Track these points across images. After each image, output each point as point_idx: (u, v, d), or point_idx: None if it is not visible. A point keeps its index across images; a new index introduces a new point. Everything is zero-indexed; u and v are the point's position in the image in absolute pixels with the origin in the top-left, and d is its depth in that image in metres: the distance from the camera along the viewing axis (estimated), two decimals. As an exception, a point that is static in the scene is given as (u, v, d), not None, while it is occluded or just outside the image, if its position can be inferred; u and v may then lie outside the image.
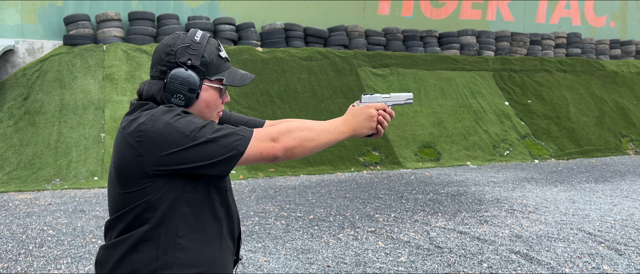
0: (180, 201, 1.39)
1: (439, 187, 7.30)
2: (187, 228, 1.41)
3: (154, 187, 1.37)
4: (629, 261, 4.07)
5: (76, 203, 6.31)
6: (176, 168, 1.35)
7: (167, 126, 1.34)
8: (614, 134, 11.74)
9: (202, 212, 1.43)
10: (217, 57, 1.50)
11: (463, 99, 11.26)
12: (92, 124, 8.41)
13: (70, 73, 9.04)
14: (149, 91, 1.47)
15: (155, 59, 1.49)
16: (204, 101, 1.48)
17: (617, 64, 13.77)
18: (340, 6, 12.09)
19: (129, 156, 1.37)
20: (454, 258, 4.21)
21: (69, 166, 7.78)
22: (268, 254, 4.31)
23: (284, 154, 1.41)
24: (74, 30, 9.62)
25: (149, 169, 1.36)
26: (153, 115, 1.37)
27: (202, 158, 1.34)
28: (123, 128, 1.41)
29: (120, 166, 1.40)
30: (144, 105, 1.44)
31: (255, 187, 7.29)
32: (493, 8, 13.73)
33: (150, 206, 1.38)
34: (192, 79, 1.44)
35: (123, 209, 1.41)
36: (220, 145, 1.34)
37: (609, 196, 6.65)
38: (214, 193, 1.46)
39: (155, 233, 1.39)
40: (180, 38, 1.48)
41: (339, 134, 1.50)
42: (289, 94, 9.88)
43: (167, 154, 1.34)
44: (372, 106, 1.58)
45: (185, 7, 10.78)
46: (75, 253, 4.38)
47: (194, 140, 1.33)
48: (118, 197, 1.42)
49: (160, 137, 1.33)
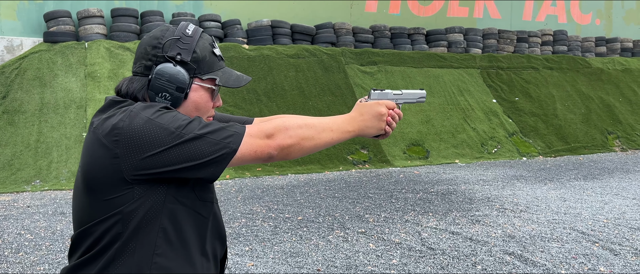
0: (160, 213, 1.21)
1: (428, 186, 7.21)
2: (166, 244, 1.22)
3: (130, 196, 1.18)
4: (624, 262, 4.00)
5: (56, 205, 6.10)
6: (159, 171, 1.17)
7: (148, 123, 1.16)
8: (601, 131, 11.77)
9: (183, 227, 1.24)
10: (210, 54, 1.33)
11: (451, 96, 11.21)
12: (73, 124, 8.18)
13: (50, 71, 8.80)
14: (130, 88, 1.30)
15: (140, 52, 1.31)
16: (193, 103, 1.31)
17: (603, 61, 13.83)
18: (327, 3, 11.95)
19: (102, 158, 1.18)
20: (447, 259, 4.11)
21: (49, 167, 7.55)
22: (255, 258, 4.17)
23: (279, 153, 1.24)
24: (54, 27, 9.37)
25: (126, 174, 1.17)
26: (131, 111, 1.19)
27: (189, 158, 1.16)
28: (95, 128, 1.22)
29: (91, 170, 1.21)
30: (120, 102, 1.26)
31: (242, 187, 7.14)
32: (480, 5, 13.70)
33: (124, 219, 1.19)
34: (181, 76, 1.27)
35: (91, 222, 1.22)
36: (210, 142, 1.17)
37: (599, 194, 6.61)
38: (198, 205, 1.28)
39: (128, 249, 1.20)
40: (170, 30, 1.31)
41: (343, 133, 1.33)
42: (276, 91, 9.73)
43: (149, 155, 1.16)
44: (382, 103, 1.40)
45: (170, 4, 10.57)
46: (53, 259, 4.20)
47: (180, 137, 1.15)
48: (85, 208, 1.23)
49: (140, 136, 1.15)
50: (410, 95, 1.55)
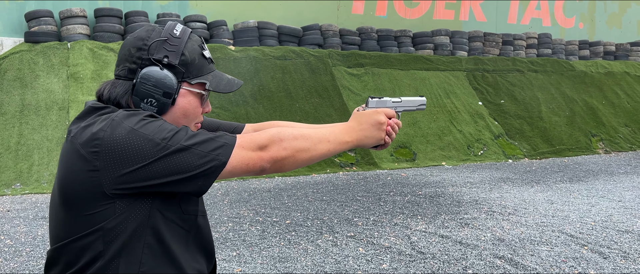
0: (145, 229, 1.12)
1: (416, 188, 7.19)
2: (153, 260, 1.14)
3: (111, 211, 1.09)
4: (614, 265, 4.00)
5: (37, 209, 5.95)
6: (143, 186, 1.08)
7: (132, 133, 1.07)
8: (585, 133, 11.89)
9: (169, 241, 1.16)
10: (199, 56, 1.24)
11: (437, 99, 11.22)
12: (55, 126, 8.01)
13: (32, 72, 8.60)
14: (113, 93, 1.20)
15: (123, 54, 1.22)
16: (181, 109, 1.22)
17: (586, 64, 13.98)
18: (314, 5, 11.90)
19: (79, 171, 1.09)
20: (438, 264, 4.07)
21: (30, 170, 7.38)
22: (243, 263, 4.09)
23: (272, 166, 1.16)
24: (36, 26, 9.17)
25: (107, 188, 1.08)
26: (113, 120, 1.10)
27: (174, 171, 1.07)
28: (72, 137, 1.12)
29: (68, 184, 1.11)
30: (100, 109, 1.17)
31: (228, 191, 7.04)
32: (466, 8, 13.76)
33: (105, 236, 1.10)
34: (169, 80, 1.18)
35: (68, 238, 1.12)
36: (198, 155, 1.09)
37: (585, 197, 6.64)
38: (186, 219, 1.19)
39: (111, 267, 1.11)
40: (156, 31, 1.22)
41: (340, 144, 1.25)
42: (263, 93, 9.65)
43: (133, 169, 1.07)
44: (381, 112, 1.32)
45: (155, 4, 10.43)
46: (34, 265, 4.07)
47: (166, 149, 1.07)
48: (62, 223, 1.14)
49: (123, 148, 1.07)
50: (410, 103, 1.48)
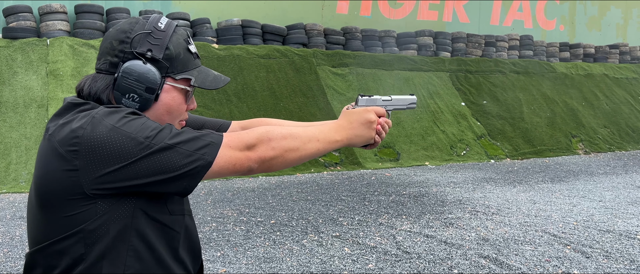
0: (129, 231, 1.07)
1: (400, 188, 7.20)
2: (138, 263, 1.09)
3: (92, 212, 1.04)
4: (596, 264, 4.04)
5: (15, 209, 5.81)
6: (125, 186, 1.03)
7: (113, 131, 1.02)
8: (565, 134, 12.05)
9: (155, 243, 1.11)
10: (185, 51, 1.19)
11: (421, 99, 11.27)
12: (34, 123, 7.84)
13: (10, 68, 8.41)
14: (93, 87, 1.14)
15: (105, 47, 1.16)
16: (165, 105, 1.17)
17: (567, 66, 14.18)
18: (298, 4, 11.86)
19: (57, 170, 1.04)
20: (423, 263, 4.07)
21: (7, 169, 7.21)
22: (228, 264, 4.04)
23: (260, 166, 1.12)
24: (14, 22, 8.97)
25: (87, 188, 1.03)
26: (93, 117, 1.04)
27: (158, 171, 1.02)
28: (50, 135, 1.07)
29: (45, 184, 1.06)
30: (80, 105, 1.10)
31: (211, 190, 6.97)
32: (449, 9, 13.85)
33: (87, 238, 1.05)
34: (152, 75, 1.13)
35: (47, 241, 1.07)
36: (182, 154, 1.04)
37: (567, 197, 6.72)
38: (169, 219, 1.14)
39: (94, 271, 1.06)
40: (140, 23, 1.16)
41: (330, 143, 1.21)
42: (247, 92, 9.58)
43: (114, 169, 1.02)
44: (371, 110, 1.30)
45: (136, 1, 10.28)
46: (12, 266, 3.97)
47: (150, 148, 1.02)
48: (40, 225, 1.08)
49: (103, 146, 1.01)
50: (400, 101, 1.47)
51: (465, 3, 14.04)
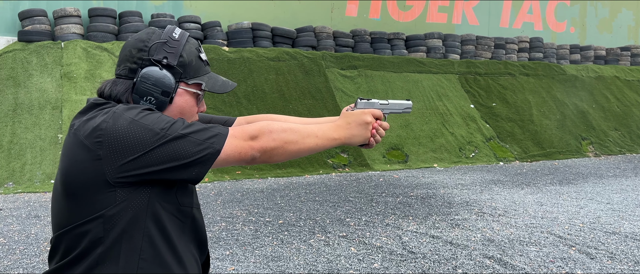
0: (144, 218, 1.18)
1: (408, 189, 7.25)
2: (152, 249, 1.20)
3: (112, 199, 1.16)
4: (601, 265, 4.08)
5: (30, 208, 5.96)
6: (143, 173, 1.15)
7: (133, 124, 1.14)
8: (575, 136, 12.02)
9: (168, 232, 1.23)
10: (196, 58, 1.32)
11: (430, 101, 11.31)
12: (48, 125, 8.01)
13: (25, 71, 8.60)
14: (113, 90, 1.27)
15: (124, 55, 1.29)
16: (178, 107, 1.30)
17: (577, 68, 14.13)
18: (308, 7, 11.96)
19: (83, 160, 1.15)
20: (428, 263, 4.13)
21: (23, 169, 7.37)
22: (236, 262, 4.13)
23: (262, 156, 1.23)
24: (29, 26, 9.16)
25: (110, 176, 1.14)
26: (115, 112, 1.17)
27: (173, 158, 1.14)
28: (75, 129, 1.19)
29: (71, 173, 1.17)
30: (101, 104, 1.23)
31: (221, 191, 7.07)
32: (459, 12, 13.87)
33: (106, 222, 1.16)
34: (167, 80, 1.26)
35: (70, 225, 1.19)
36: (194, 142, 1.16)
37: (574, 199, 6.74)
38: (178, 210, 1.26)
39: (113, 253, 1.17)
40: (156, 33, 1.29)
41: (328, 140, 1.32)
42: (256, 94, 9.69)
43: (134, 157, 1.13)
44: (368, 112, 1.40)
45: (149, 5, 10.44)
46: (28, 263, 4.09)
47: (164, 138, 1.14)
48: (64, 212, 1.20)
49: (124, 137, 1.13)
50: (397, 105, 1.56)
51: (474, 5, 14.05)
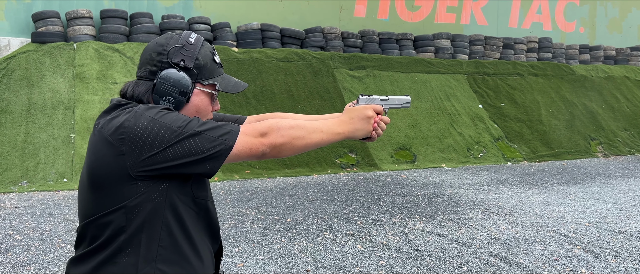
0: (163, 209, 1.29)
1: (415, 189, 7.31)
2: (170, 238, 1.30)
3: (133, 191, 1.26)
4: (605, 264, 4.12)
5: (44, 206, 6.09)
6: (162, 167, 1.24)
7: (152, 122, 1.24)
8: (584, 137, 11.99)
9: (185, 222, 1.33)
10: (211, 61, 1.43)
11: (438, 101, 11.35)
12: (61, 125, 8.16)
13: (38, 71, 8.76)
14: (135, 91, 1.38)
15: (145, 58, 1.40)
16: (195, 106, 1.40)
17: (586, 68, 14.09)
18: (316, 7, 12.04)
19: (107, 155, 1.26)
20: (434, 261, 4.19)
21: (36, 168, 7.52)
22: (245, 259, 4.22)
23: (272, 151, 1.33)
24: (42, 27, 9.33)
25: (131, 170, 1.24)
26: (136, 112, 1.27)
27: (189, 153, 1.24)
28: (100, 128, 1.30)
29: (96, 168, 1.28)
30: (124, 104, 1.34)
31: (230, 190, 7.17)
32: (467, 12, 13.89)
33: (128, 212, 1.26)
34: (185, 81, 1.36)
35: (95, 215, 1.29)
36: (208, 139, 1.26)
37: (581, 198, 6.76)
38: (194, 202, 1.36)
39: (134, 241, 1.27)
40: (174, 38, 1.40)
41: (332, 134, 1.42)
42: (265, 95, 9.78)
43: (154, 153, 1.23)
44: (369, 107, 1.50)
45: (159, 6, 10.58)
46: (43, 259, 4.21)
47: (181, 135, 1.24)
48: (90, 203, 1.31)
49: (145, 135, 1.23)
50: (396, 101, 1.66)
51: (483, 5, 14.06)
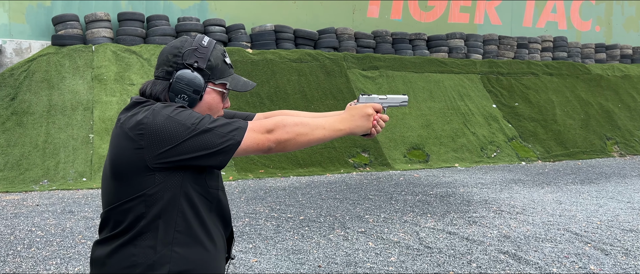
0: (178, 197, 1.41)
1: (427, 188, 7.36)
2: (185, 224, 1.43)
3: (151, 181, 1.39)
4: (614, 261, 4.14)
5: (64, 204, 6.27)
6: (177, 160, 1.37)
7: (169, 119, 1.37)
8: (599, 136, 11.91)
9: (198, 210, 1.46)
10: (222, 62, 1.55)
11: (451, 101, 11.36)
12: (80, 125, 8.36)
13: (58, 73, 8.98)
14: (153, 90, 1.51)
15: (162, 60, 1.53)
16: (207, 104, 1.53)
17: (602, 67, 13.98)
18: (330, 8, 12.13)
19: (128, 149, 1.39)
20: (444, 258, 4.25)
21: (57, 167, 7.72)
22: (259, 255, 4.33)
23: (277, 146, 1.45)
24: (62, 30, 9.56)
25: (149, 162, 1.38)
26: (154, 110, 1.40)
27: (201, 148, 1.37)
28: (121, 123, 1.43)
29: (117, 159, 1.41)
30: (143, 102, 1.47)
31: (245, 189, 7.30)
32: (481, 12, 13.87)
33: (147, 200, 1.40)
34: (198, 80, 1.48)
35: (117, 202, 1.42)
36: (218, 135, 1.38)
37: (594, 197, 6.75)
38: (206, 191, 1.48)
39: (153, 226, 1.40)
40: (188, 41, 1.53)
41: (334, 131, 1.53)
42: (279, 95, 9.90)
43: (170, 147, 1.36)
44: (369, 106, 1.61)
45: (175, 8, 10.76)
46: (64, 254, 4.36)
47: (194, 131, 1.36)
48: (112, 191, 1.44)
49: (162, 131, 1.36)
50: (394, 99, 1.79)
51: (497, 5, 14.02)
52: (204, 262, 1.45)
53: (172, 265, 1.40)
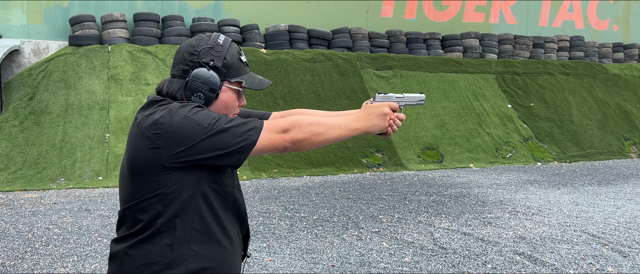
0: (195, 196, 1.42)
1: (442, 188, 7.31)
2: (202, 222, 1.44)
3: (168, 180, 1.39)
4: (633, 263, 4.08)
5: (81, 202, 6.34)
6: (193, 159, 1.38)
7: (185, 119, 1.38)
8: (617, 137, 11.74)
9: (215, 208, 1.46)
10: (238, 60, 1.55)
11: (466, 101, 11.28)
12: (96, 124, 8.45)
13: (75, 73, 9.09)
14: (170, 88, 1.51)
15: (178, 58, 1.53)
16: (223, 102, 1.52)
17: (620, 67, 13.78)
18: (343, 8, 12.12)
19: (144, 148, 1.40)
20: (458, 258, 4.23)
21: (73, 166, 7.82)
22: (273, 254, 4.34)
23: (293, 146, 1.45)
24: (79, 30, 9.67)
25: (166, 162, 1.38)
26: (171, 109, 1.40)
27: (217, 148, 1.37)
28: (139, 122, 1.44)
29: (135, 158, 1.42)
30: (160, 101, 1.48)
31: (258, 188, 7.32)
32: (496, 11, 13.75)
33: (164, 199, 1.40)
34: (214, 79, 1.48)
35: (135, 200, 1.43)
36: (234, 135, 1.38)
37: (612, 199, 6.66)
38: (222, 190, 1.48)
39: (170, 224, 1.41)
40: (204, 40, 1.53)
41: (350, 130, 1.53)
42: (293, 95, 9.91)
43: (186, 147, 1.37)
44: (386, 105, 1.60)
45: (190, 9, 10.83)
46: (81, 252, 4.41)
47: (211, 131, 1.37)
48: (130, 190, 1.45)
49: (179, 131, 1.36)
50: (411, 98, 1.76)
51: (512, 4, 13.90)
52: (221, 260, 1.46)
53: (190, 263, 1.40)
